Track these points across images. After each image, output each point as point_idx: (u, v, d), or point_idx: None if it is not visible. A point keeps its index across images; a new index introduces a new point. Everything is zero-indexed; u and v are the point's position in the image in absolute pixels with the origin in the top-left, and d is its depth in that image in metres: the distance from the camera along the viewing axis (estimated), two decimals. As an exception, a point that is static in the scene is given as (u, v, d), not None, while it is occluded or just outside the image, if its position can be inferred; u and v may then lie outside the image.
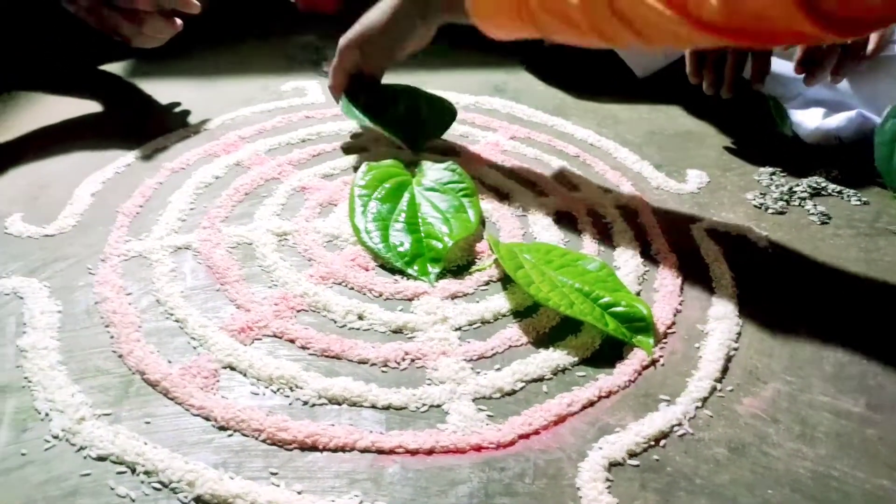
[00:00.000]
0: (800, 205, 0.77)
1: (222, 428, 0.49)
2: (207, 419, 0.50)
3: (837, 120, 0.86)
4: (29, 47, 0.97)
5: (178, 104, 0.92)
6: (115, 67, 1.01)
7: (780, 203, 0.76)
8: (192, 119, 0.89)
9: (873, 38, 0.81)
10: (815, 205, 0.76)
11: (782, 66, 0.92)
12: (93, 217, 0.70)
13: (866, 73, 0.87)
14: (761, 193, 0.78)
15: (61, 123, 0.86)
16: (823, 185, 0.80)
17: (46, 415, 0.49)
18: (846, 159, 0.84)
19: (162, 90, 0.95)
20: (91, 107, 0.90)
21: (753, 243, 0.71)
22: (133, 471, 0.46)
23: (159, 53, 0.94)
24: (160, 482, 0.45)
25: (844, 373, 0.56)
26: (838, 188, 0.79)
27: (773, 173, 0.82)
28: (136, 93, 0.95)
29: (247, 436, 0.49)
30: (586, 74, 1.05)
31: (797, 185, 0.79)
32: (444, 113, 0.84)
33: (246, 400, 0.52)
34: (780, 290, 0.65)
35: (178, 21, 0.85)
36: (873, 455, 0.50)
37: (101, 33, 0.85)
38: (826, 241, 0.72)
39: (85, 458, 0.47)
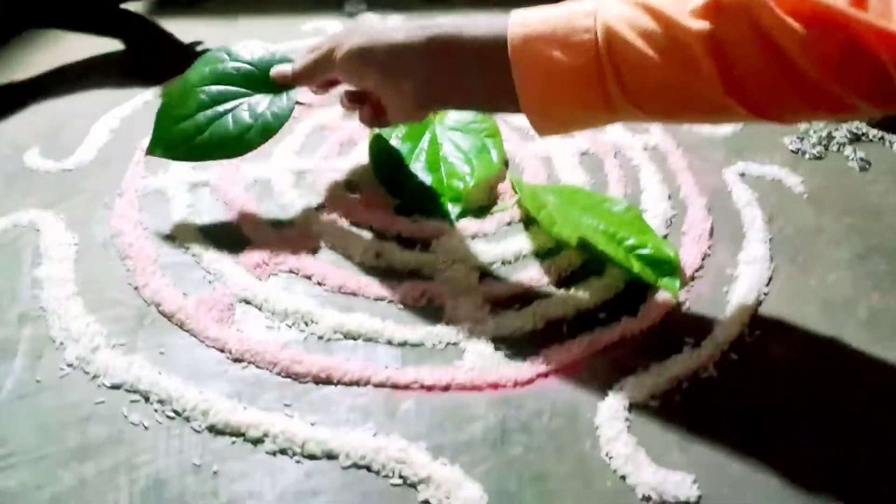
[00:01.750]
0: (839, 150, 0.73)
1: (237, 360, 0.49)
2: (222, 351, 0.49)
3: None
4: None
5: (199, 42, 0.91)
6: (137, 6, 0.99)
7: (819, 148, 0.73)
8: (213, 58, 0.87)
9: None
10: (854, 150, 0.73)
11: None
12: (110, 153, 0.69)
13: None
14: (799, 138, 0.74)
15: (81, 61, 0.85)
16: (864, 130, 0.76)
17: (61, 343, 0.49)
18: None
19: (184, 29, 0.93)
20: (112, 45, 0.89)
21: (789, 189, 0.68)
22: (146, 399, 0.46)
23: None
24: (174, 410, 0.45)
25: (878, 320, 0.54)
26: (880, 134, 0.76)
27: (812, 118, 0.78)
28: (157, 31, 0.94)
29: (261, 368, 0.48)
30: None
31: (836, 130, 0.75)
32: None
33: (261, 334, 0.51)
34: (815, 237, 0.62)
35: None
36: (907, 403, 0.48)
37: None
38: (865, 188, 0.68)
39: (99, 386, 0.47)
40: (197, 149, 0.57)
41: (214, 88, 0.58)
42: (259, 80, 0.58)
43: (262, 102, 0.58)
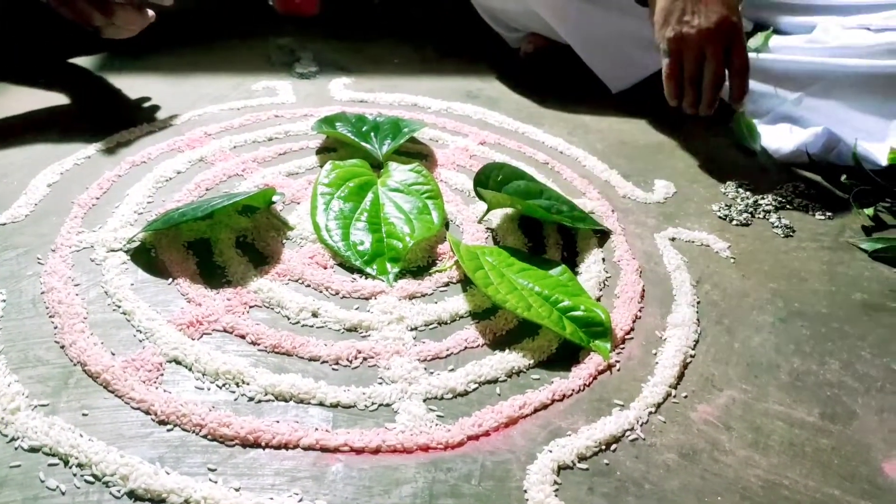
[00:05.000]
0: (764, 217, 0.77)
1: (162, 422, 0.48)
2: (147, 413, 0.48)
3: (805, 135, 0.86)
4: (-3, 38, 0.96)
5: (146, 99, 0.91)
6: (85, 61, 0.99)
7: (745, 215, 0.76)
8: (160, 115, 0.87)
9: None
10: (779, 218, 0.76)
11: (752, 83, 0.93)
12: (47, 207, 0.68)
13: (841, 91, 0.88)
14: (726, 205, 0.78)
15: (24, 115, 0.85)
16: (789, 198, 0.80)
17: (-21, 404, 0.48)
18: (813, 174, 0.84)
19: (133, 85, 0.94)
20: (58, 99, 0.89)
21: (716, 254, 0.70)
22: (66, 463, 0.45)
23: (133, 49, 0.94)
24: (93, 475, 0.44)
25: (800, 383, 0.56)
26: (804, 202, 0.80)
27: (740, 186, 0.82)
28: (104, 87, 0.94)
29: (187, 431, 0.47)
30: (559, 84, 1.05)
31: (762, 199, 0.79)
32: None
33: (189, 394, 0.50)
34: (741, 300, 0.64)
35: (151, 13, 0.84)
36: (826, 465, 0.49)
37: (72, 24, 0.84)
38: (789, 254, 0.72)
39: (16, 448, 0.45)
40: None
41: None
42: None
43: None
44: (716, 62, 0.81)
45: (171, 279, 0.60)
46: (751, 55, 0.87)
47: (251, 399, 0.50)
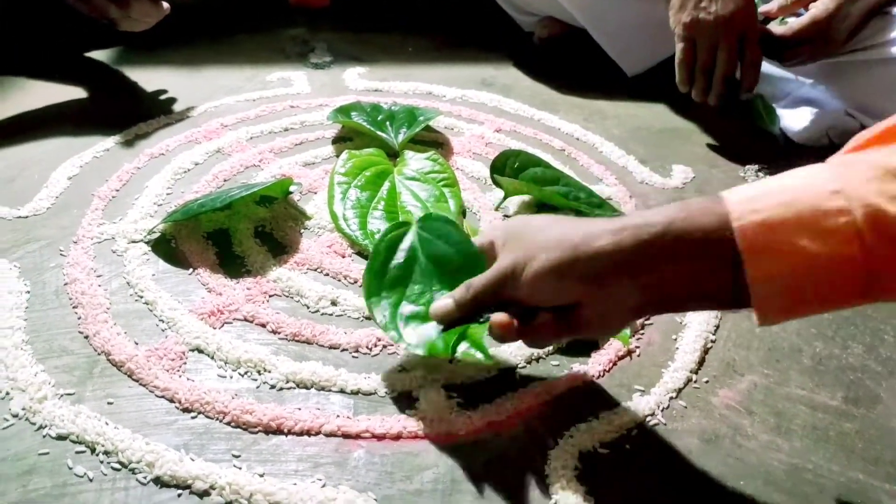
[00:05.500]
0: (785, 201, 0.76)
1: (186, 410, 0.48)
2: (171, 401, 0.49)
3: (826, 118, 0.85)
4: (15, 32, 0.96)
5: (163, 91, 0.91)
6: (101, 54, 1.00)
7: (765, 199, 0.75)
8: (176, 107, 0.88)
9: None
10: (799, 201, 0.75)
11: (772, 66, 0.92)
12: (68, 200, 0.69)
13: (854, 74, 0.87)
14: (746, 189, 0.77)
15: (43, 108, 0.85)
16: (809, 182, 0.79)
17: (7, 393, 0.48)
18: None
19: (149, 78, 0.94)
20: (75, 93, 0.90)
21: (736, 238, 0.70)
22: (93, 450, 0.45)
23: (148, 42, 0.94)
24: (119, 462, 0.44)
25: (822, 367, 0.56)
26: (824, 186, 0.79)
27: (759, 170, 0.81)
28: (121, 80, 0.94)
29: (211, 418, 0.48)
30: (574, 71, 1.04)
31: (783, 182, 0.78)
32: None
33: (212, 382, 0.51)
34: (762, 285, 0.64)
35: (166, 5, 0.84)
36: (849, 448, 0.49)
37: (88, 18, 0.84)
38: (810, 238, 0.71)
39: (44, 436, 0.46)
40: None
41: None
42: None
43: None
44: (729, 51, 0.80)
45: (191, 269, 0.61)
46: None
47: (273, 387, 0.51)
